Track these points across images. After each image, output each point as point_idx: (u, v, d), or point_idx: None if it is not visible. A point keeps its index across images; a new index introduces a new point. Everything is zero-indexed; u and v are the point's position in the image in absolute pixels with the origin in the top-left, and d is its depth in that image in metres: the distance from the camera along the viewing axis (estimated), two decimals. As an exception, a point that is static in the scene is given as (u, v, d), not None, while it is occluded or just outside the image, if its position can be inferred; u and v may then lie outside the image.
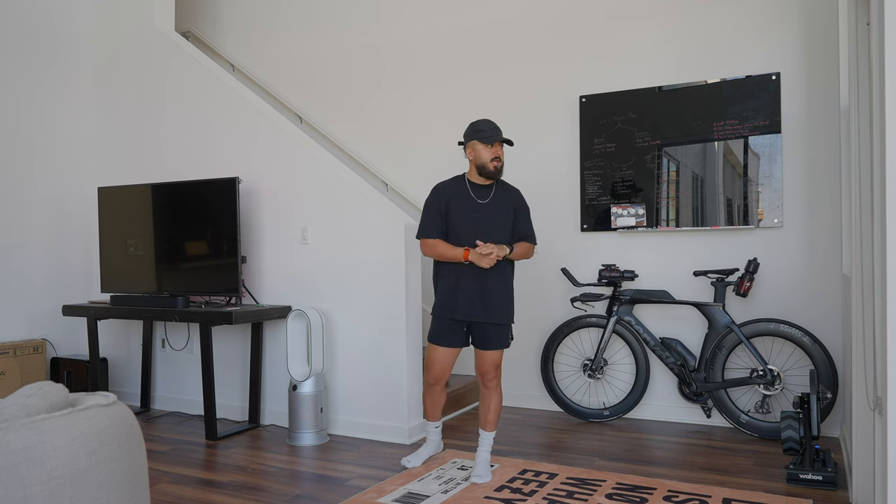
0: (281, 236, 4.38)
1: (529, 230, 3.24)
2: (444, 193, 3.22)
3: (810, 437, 3.18)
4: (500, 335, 3.19)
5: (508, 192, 3.24)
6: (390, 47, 5.28)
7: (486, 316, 3.14)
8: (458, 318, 3.16)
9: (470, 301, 3.14)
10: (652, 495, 3.00)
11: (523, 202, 3.26)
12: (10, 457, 1.18)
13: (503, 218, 3.18)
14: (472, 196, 3.18)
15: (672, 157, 4.32)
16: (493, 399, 3.25)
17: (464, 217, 3.16)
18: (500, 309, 3.15)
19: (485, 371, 3.22)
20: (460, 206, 3.17)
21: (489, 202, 3.18)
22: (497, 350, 3.20)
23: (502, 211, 3.18)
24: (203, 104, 4.71)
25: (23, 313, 4.75)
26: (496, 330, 3.17)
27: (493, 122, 3.17)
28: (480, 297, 3.14)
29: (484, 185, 3.21)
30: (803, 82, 4.06)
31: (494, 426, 3.28)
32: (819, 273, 4.02)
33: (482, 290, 3.14)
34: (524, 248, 3.20)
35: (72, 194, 5.10)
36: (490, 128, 3.13)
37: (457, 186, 3.22)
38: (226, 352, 4.57)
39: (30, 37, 4.84)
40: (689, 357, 4.12)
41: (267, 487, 3.20)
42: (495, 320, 3.15)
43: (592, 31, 4.61)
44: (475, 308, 3.14)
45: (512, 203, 3.21)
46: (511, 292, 3.23)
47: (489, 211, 3.17)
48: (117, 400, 1.50)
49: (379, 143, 5.32)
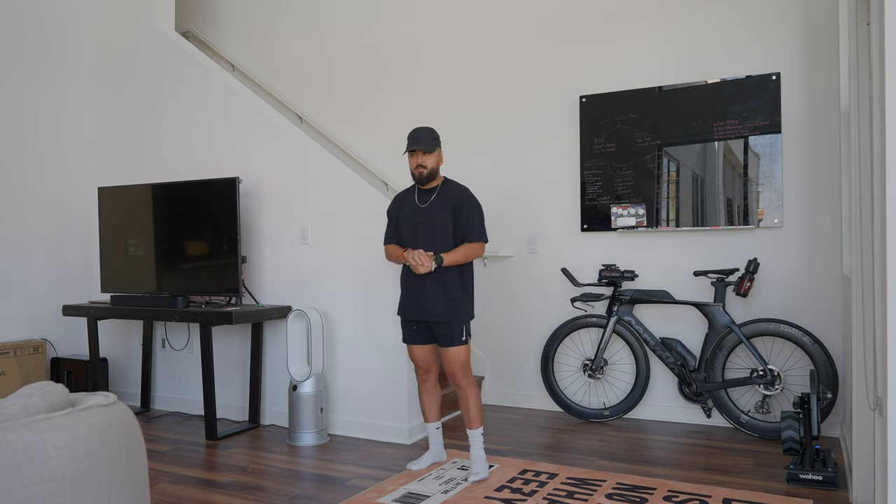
0: (281, 236, 4.38)
1: (471, 228, 3.25)
2: (396, 201, 3.44)
3: (810, 437, 3.18)
4: (450, 333, 3.23)
5: (450, 194, 3.30)
6: (390, 47, 5.28)
7: (425, 314, 3.24)
8: (408, 318, 3.33)
9: (412, 301, 3.29)
10: (652, 495, 3.00)
11: (467, 201, 3.27)
12: (10, 457, 1.18)
13: (441, 220, 3.26)
14: (416, 201, 3.36)
15: (672, 157, 4.32)
16: (467, 398, 3.29)
17: (406, 222, 3.34)
18: (436, 307, 3.22)
19: (448, 371, 3.29)
20: (405, 212, 3.37)
21: (427, 206, 3.31)
22: (452, 347, 3.24)
23: (440, 213, 3.27)
24: (203, 104, 4.71)
25: (23, 313, 4.75)
26: (445, 328, 3.23)
27: (419, 130, 3.27)
28: (419, 297, 3.26)
29: (426, 189, 3.35)
30: (803, 82, 4.06)
31: (478, 423, 3.29)
32: (819, 273, 4.02)
33: (420, 291, 3.26)
34: (465, 250, 3.23)
35: (72, 194, 5.10)
36: (409, 137, 3.26)
37: (406, 194, 3.43)
38: (226, 352, 4.57)
39: (30, 37, 4.84)
40: (689, 357, 4.12)
41: (267, 487, 3.20)
42: (438, 318, 3.22)
43: (592, 31, 4.61)
44: (416, 307, 3.27)
45: (452, 203, 3.27)
46: (456, 291, 3.24)
47: (426, 214, 3.29)
48: (117, 400, 1.50)
49: (379, 143, 5.32)
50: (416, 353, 3.38)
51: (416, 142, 3.24)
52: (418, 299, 3.27)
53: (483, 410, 3.48)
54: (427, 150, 3.24)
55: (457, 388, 3.31)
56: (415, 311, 3.28)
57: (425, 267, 3.16)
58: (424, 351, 3.37)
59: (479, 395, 3.34)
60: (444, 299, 3.22)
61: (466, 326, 3.28)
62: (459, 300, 3.24)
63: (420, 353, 3.37)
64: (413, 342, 3.36)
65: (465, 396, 3.29)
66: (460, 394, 3.30)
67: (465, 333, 3.26)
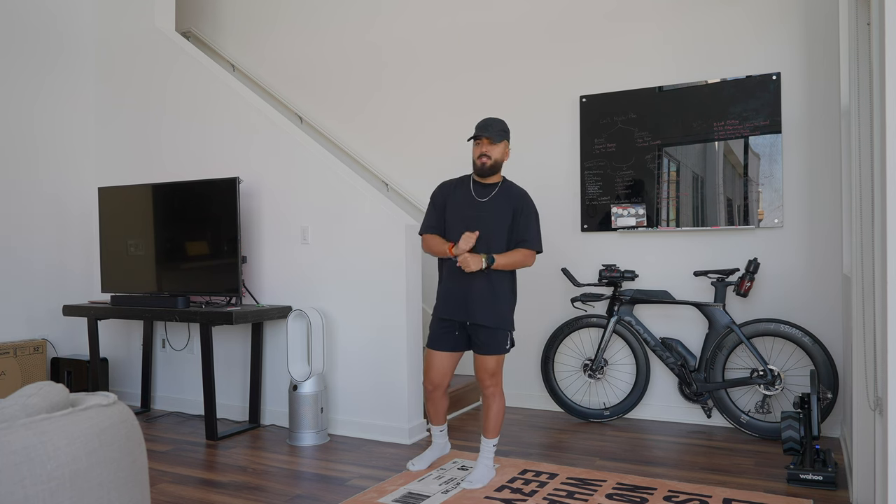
0: (281, 236, 4.38)
1: (528, 235, 3.09)
2: (445, 189, 3.22)
3: (811, 437, 3.18)
4: (492, 340, 3.08)
5: (511, 194, 3.12)
6: (391, 46, 5.28)
7: (468, 316, 3.08)
8: (446, 318, 3.14)
9: (455, 299, 3.11)
10: (652, 495, 2.99)
11: (527, 206, 3.12)
12: (10, 457, 1.18)
13: (499, 219, 3.07)
14: (472, 194, 3.14)
15: (672, 157, 4.32)
16: (490, 406, 3.16)
17: (458, 214, 3.13)
18: (485, 311, 3.05)
19: (479, 377, 3.16)
20: (457, 203, 3.15)
21: (487, 201, 3.10)
22: (489, 356, 3.09)
23: (499, 212, 3.08)
24: (203, 104, 4.71)
25: (23, 313, 4.75)
26: (487, 334, 3.08)
27: (489, 119, 3.10)
28: (464, 297, 3.08)
29: (486, 184, 3.14)
30: (804, 82, 4.05)
31: (494, 433, 3.19)
32: (819, 273, 4.02)
33: (466, 290, 3.07)
34: (518, 256, 3.07)
35: (72, 194, 5.10)
36: (478, 126, 3.08)
37: (459, 184, 3.22)
38: (226, 352, 4.57)
39: (31, 38, 4.84)
40: (689, 357, 4.12)
41: (267, 487, 3.20)
42: (479, 321, 3.06)
43: (592, 31, 4.61)
44: (459, 307, 3.09)
45: (512, 205, 3.10)
46: (505, 296, 3.11)
47: (484, 210, 3.09)
48: (118, 400, 1.50)
49: (379, 143, 5.32)
50: (438, 361, 3.17)
51: (483, 129, 3.04)
52: (464, 299, 3.07)
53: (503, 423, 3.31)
54: (494, 140, 3.05)
55: (483, 395, 3.19)
56: (458, 312, 3.09)
57: (476, 264, 2.96)
58: (447, 360, 3.17)
59: (504, 406, 3.18)
60: (492, 303, 3.05)
61: (511, 336, 3.14)
62: (507, 307, 3.10)
63: (441, 361, 3.17)
64: (439, 347, 3.15)
65: (490, 405, 3.16)
66: (486, 401, 3.17)
67: (509, 342, 3.12)
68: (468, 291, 3.07)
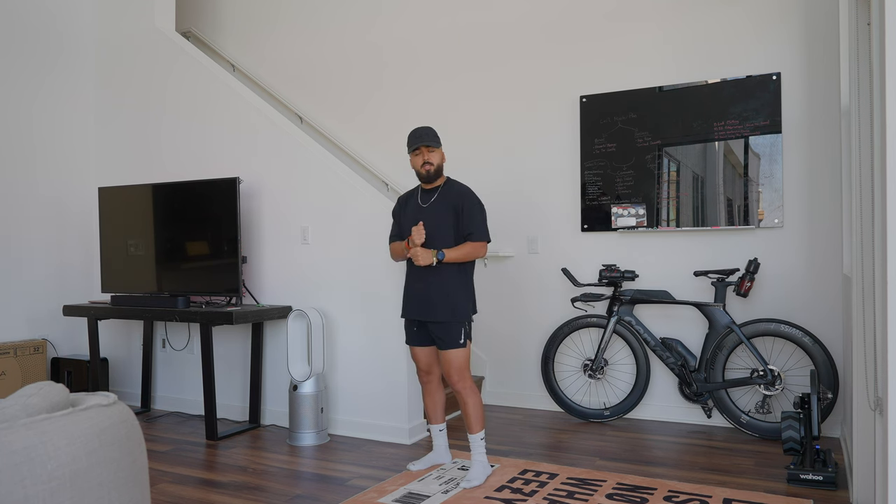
0: (281, 236, 4.38)
1: (473, 228, 3.23)
2: (400, 202, 3.46)
3: (811, 437, 3.18)
4: (448, 334, 3.19)
5: (452, 193, 3.30)
6: (391, 47, 5.28)
7: (425, 314, 3.23)
8: (410, 318, 3.32)
9: (412, 299, 3.30)
10: (652, 495, 3.00)
11: (468, 201, 3.26)
12: (10, 457, 1.18)
13: (440, 218, 3.25)
14: (418, 201, 3.36)
15: (672, 157, 4.32)
16: (466, 402, 3.24)
17: (408, 222, 3.35)
18: (438, 307, 3.19)
19: (445, 374, 3.26)
20: (407, 212, 3.38)
21: (429, 205, 3.30)
22: (449, 350, 3.20)
23: (440, 212, 3.26)
24: (203, 104, 4.71)
25: (23, 313, 4.75)
26: (442, 329, 3.20)
27: (421, 128, 3.28)
28: (419, 296, 3.26)
29: (429, 189, 3.35)
30: (804, 82, 4.05)
31: (478, 427, 3.24)
32: (819, 273, 4.02)
33: (423, 290, 3.24)
34: (467, 248, 3.21)
35: (73, 194, 5.10)
36: (412, 136, 3.27)
37: (410, 194, 3.44)
38: (226, 352, 4.57)
39: (31, 38, 4.84)
40: (689, 357, 4.12)
41: (267, 487, 3.20)
42: (437, 318, 3.19)
43: (592, 32, 4.61)
44: (415, 306, 3.27)
45: (452, 203, 3.26)
46: (458, 290, 3.22)
47: (428, 213, 3.28)
48: (118, 400, 1.50)
49: (379, 143, 5.32)
50: (418, 354, 3.37)
51: (420, 139, 3.24)
52: (419, 299, 3.26)
53: (484, 414, 3.41)
54: (433, 146, 3.25)
55: (455, 393, 3.27)
56: (415, 312, 3.28)
57: (426, 259, 3.15)
58: (425, 353, 3.36)
59: (479, 399, 3.27)
60: (442, 299, 3.20)
61: (465, 329, 3.22)
62: (458, 300, 3.21)
63: (421, 354, 3.36)
64: (414, 343, 3.36)
65: (463, 401, 3.25)
66: (458, 398, 3.26)
67: (463, 336, 3.21)
68: (423, 290, 3.25)
